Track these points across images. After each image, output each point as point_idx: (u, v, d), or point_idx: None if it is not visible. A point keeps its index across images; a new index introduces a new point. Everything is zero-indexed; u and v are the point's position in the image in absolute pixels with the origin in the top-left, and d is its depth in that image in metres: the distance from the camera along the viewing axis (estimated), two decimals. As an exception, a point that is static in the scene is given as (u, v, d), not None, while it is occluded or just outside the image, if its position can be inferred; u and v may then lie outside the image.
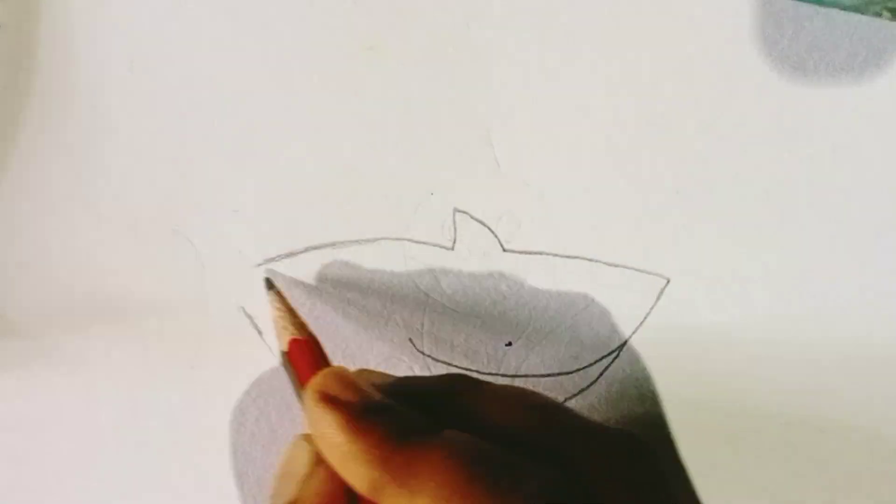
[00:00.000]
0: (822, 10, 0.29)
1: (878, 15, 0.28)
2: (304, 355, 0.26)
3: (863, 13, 0.28)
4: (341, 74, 0.30)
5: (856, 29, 0.29)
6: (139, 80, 0.30)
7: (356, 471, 0.21)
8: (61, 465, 0.31)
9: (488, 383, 0.24)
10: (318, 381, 0.24)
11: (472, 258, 0.31)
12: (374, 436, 0.21)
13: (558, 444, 0.22)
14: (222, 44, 0.30)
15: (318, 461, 0.23)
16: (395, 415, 0.22)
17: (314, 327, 0.31)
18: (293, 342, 0.26)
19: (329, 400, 0.23)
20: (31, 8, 0.30)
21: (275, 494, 0.24)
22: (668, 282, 0.31)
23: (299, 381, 0.25)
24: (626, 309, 0.31)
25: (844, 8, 0.28)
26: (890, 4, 0.27)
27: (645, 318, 0.31)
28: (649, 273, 0.31)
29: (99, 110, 0.30)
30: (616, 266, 0.31)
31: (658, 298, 0.31)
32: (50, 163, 0.30)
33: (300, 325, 0.26)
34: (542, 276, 0.31)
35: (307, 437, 0.24)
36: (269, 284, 0.29)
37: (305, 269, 0.31)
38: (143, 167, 0.30)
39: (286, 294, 0.29)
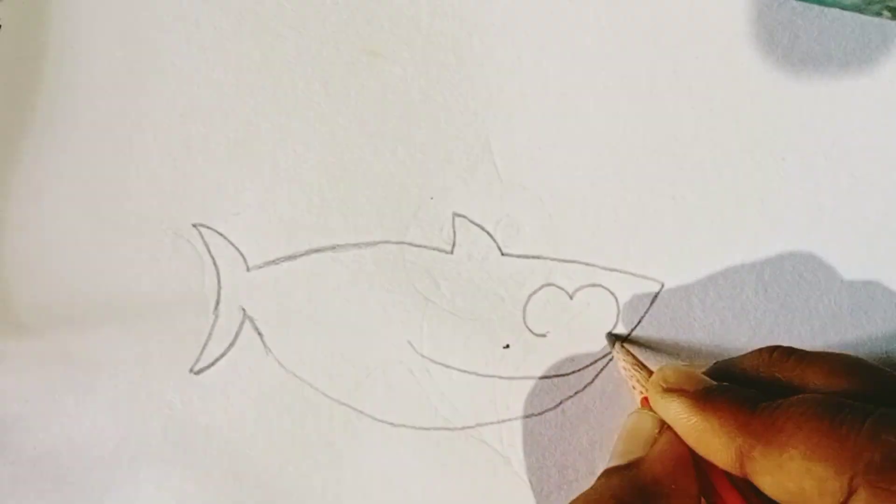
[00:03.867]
0: (822, 10, 0.28)
1: (879, 14, 0.27)
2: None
3: (863, 13, 0.28)
4: (342, 79, 0.31)
5: (856, 29, 0.29)
6: (140, 81, 0.31)
7: (717, 444, 0.24)
8: (60, 465, 0.32)
9: (800, 351, 0.26)
10: (657, 376, 0.26)
11: (471, 262, 0.31)
12: (725, 411, 0.24)
13: (882, 397, 0.23)
14: (224, 47, 0.31)
15: (664, 428, 0.26)
16: (736, 391, 0.25)
17: (312, 329, 0.31)
18: (644, 400, 0.28)
19: (672, 390, 0.25)
20: (32, 8, 0.30)
21: (619, 453, 0.26)
22: (663, 286, 0.31)
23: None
24: (622, 312, 0.31)
25: (844, 8, 0.28)
26: (890, 4, 0.26)
27: (639, 321, 0.31)
28: (645, 277, 0.31)
29: (99, 111, 0.31)
30: (612, 270, 0.31)
31: (653, 302, 0.31)
32: (51, 163, 0.31)
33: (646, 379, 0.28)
34: (540, 280, 0.31)
35: (648, 409, 0.27)
36: (612, 339, 0.31)
37: (305, 271, 0.31)
38: (144, 169, 0.31)
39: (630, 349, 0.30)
